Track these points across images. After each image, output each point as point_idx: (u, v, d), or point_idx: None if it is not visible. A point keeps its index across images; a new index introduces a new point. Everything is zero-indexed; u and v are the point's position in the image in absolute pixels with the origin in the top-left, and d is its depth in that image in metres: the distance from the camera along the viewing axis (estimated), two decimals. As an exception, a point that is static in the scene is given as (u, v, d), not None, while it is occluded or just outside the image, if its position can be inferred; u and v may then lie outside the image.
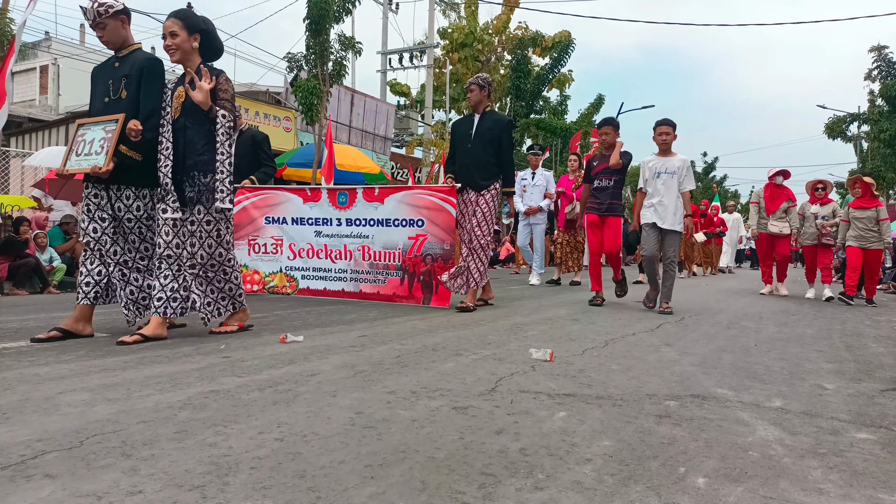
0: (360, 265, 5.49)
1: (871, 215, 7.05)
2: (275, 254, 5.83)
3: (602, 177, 5.75)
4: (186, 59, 3.38)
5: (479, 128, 5.15)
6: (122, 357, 2.76)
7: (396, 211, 5.34)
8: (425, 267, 5.20)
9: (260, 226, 5.84)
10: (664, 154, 5.36)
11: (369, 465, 1.50)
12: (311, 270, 5.72)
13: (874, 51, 19.76)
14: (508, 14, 21.03)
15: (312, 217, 5.70)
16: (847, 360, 3.19)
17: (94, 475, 1.40)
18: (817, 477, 1.51)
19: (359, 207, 5.50)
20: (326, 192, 5.68)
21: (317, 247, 5.68)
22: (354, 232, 5.54)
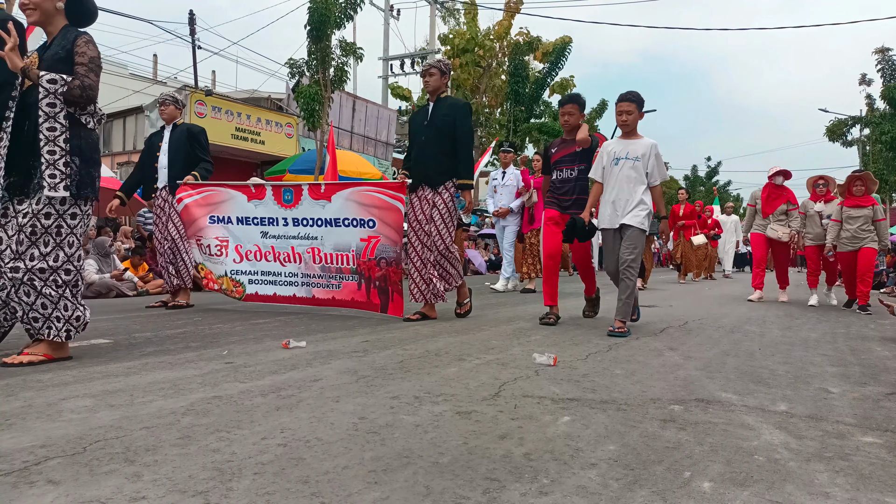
0: (311, 268, 4.98)
1: (867, 214, 6.48)
2: (219, 256, 5.28)
3: (564, 165, 4.63)
4: (48, 21, 2.87)
5: (433, 116, 4.58)
6: (125, 363, 2.76)
7: (345, 210, 4.82)
8: (380, 272, 4.68)
9: (204, 226, 5.31)
10: (627, 136, 4.25)
11: (373, 470, 1.49)
12: (260, 274, 5.18)
13: (878, 52, 19.79)
14: (510, 20, 21.08)
15: (258, 216, 5.15)
16: (852, 364, 3.17)
17: (98, 481, 1.39)
18: (823, 481, 1.50)
19: (305, 206, 4.96)
20: (271, 190, 5.12)
21: (264, 248, 5.14)
22: (302, 233, 5.01)
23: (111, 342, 3.37)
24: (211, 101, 13.87)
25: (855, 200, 6.55)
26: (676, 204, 12.13)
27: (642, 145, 4.17)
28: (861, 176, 6.71)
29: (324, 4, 11.77)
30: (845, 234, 6.53)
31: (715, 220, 13.83)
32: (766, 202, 7.51)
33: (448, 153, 4.52)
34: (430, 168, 4.55)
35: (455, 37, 20.63)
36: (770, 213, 7.45)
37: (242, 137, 14.72)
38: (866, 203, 6.52)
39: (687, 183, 39.99)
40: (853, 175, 6.74)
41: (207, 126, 13.53)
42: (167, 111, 5.39)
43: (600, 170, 4.28)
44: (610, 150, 4.26)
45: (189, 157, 5.29)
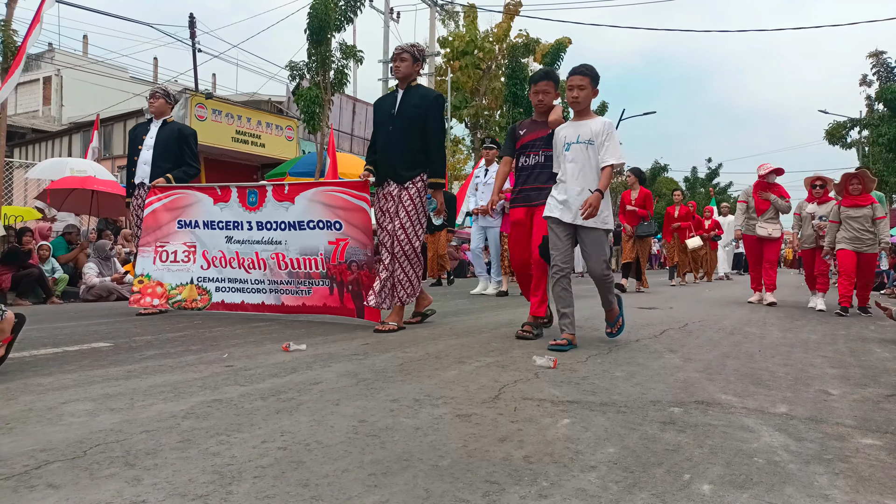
0: (278, 275, 4.71)
1: (867, 213, 6.17)
2: (186, 262, 4.98)
3: (531, 150, 3.94)
4: None
5: (402, 106, 4.18)
6: (125, 367, 2.76)
7: (309, 211, 4.58)
8: (352, 275, 4.44)
9: (171, 231, 5.03)
10: (579, 117, 3.62)
11: (373, 473, 1.49)
12: (227, 281, 4.89)
13: (872, 56, 19.81)
14: (509, 22, 21.13)
15: (223, 220, 4.90)
16: (852, 366, 3.17)
17: (98, 485, 1.39)
18: (823, 483, 1.50)
19: (269, 208, 4.72)
20: (236, 191, 4.86)
21: (228, 255, 4.88)
22: (266, 237, 4.75)
23: (111, 346, 3.37)
24: (211, 104, 13.88)
25: (853, 200, 6.26)
26: (671, 205, 11.92)
27: (595, 125, 3.54)
28: (857, 174, 6.39)
29: (323, 8, 11.79)
30: (846, 234, 6.24)
31: (715, 221, 13.59)
32: (758, 200, 7.29)
33: (417, 148, 4.16)
34: (397, 162, 4.18)
35: (454, 39, 20.66)
36: (763, 212, 7.23)
37: (243, 140, 14.74)
38: (865, 202, 6.22)
39: (687, 184, 40.01)
40: (848, 173, 6.42)
41: (208, 129, 13.54)
42: (156, 104, 5.18)
43: (558, 159, 3.67)
44: (561, 135, 3.63)
45: (177, 159, 5.11)
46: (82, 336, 3.69)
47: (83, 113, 17.57)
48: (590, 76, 3.56)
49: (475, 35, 21.02)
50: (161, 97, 5.21)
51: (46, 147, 15.42)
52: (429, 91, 4.30)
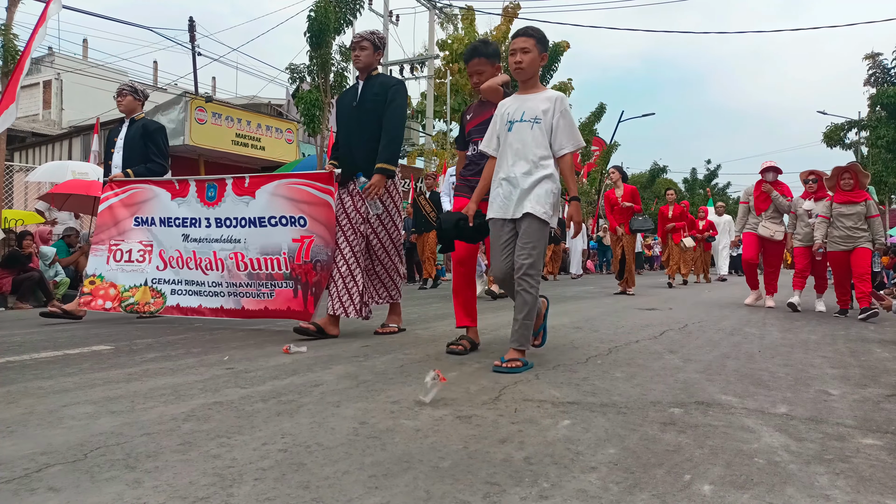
0: (237, 276, 4.33)
1: (860, 211, 5.81)
2: (141, 262, 4.64)
3: (478, 137, 3.33)
4: None
5: (363, 97, 3.90)
6: (126, 370, 2.76)
7: (271, 206, 4.24)
8: (316, 276, 4.05)
9: (126, 228, 4.71)
10: (525, 89, 3.04)
11: (373, 475, 1.49)
12: (183, 284, 4.51)
13: (868, 58, 19.84)
14: (507, 24, 21.16)
15: (180, 217, 4.54)
16: (852, 366, 3.17)
17: (98, 488, 1.39)
18: (824, 483, 1.50)
19: (228, 204, 4.37)
20: (195, 185, 4.51)
21: (185, 254, 4.51)
22: (224, 235, 4.37)
23: (112, 348, 3.37)
24: (211, 107, 13.90)
25: (845, 196, 5.89)
26: (665, 205, 11.62)
27: (543, 99, 2.95)
28: (848, 168, 6.00)
29: (323, 11, 11.82)
30: (837, 232, 5.89)
31: (710, 222, 13.28)
32: (758, 199, 7.03)
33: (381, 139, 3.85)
34: (359, 158, 3.87)
35: (453, 42, 20.69)
36: (763, 211, 6.97)
37: (243, 143, 14.76)
38: (858, 198, 5.85)
39: (686, 186, 40.01)
40: (839, 167, 6.04)
41: (208, 132, 13.56)
42: (124, 102, 4.93)
43: (494, 139, 3.06)
44: (504, 110, 3.06)
45: (144, 158, 4.85)
46: (83, 339, 3.69)
47: (83, 116, 17.60)
48: (535, 37, 3.00)
49: (474, 37, 21.05)
50: (128, 94, 4.95)
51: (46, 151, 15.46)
52: (389, 78, 4.06)
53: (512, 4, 20.27)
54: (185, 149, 12.91)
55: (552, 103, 2.94)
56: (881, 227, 5.87)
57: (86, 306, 4.66)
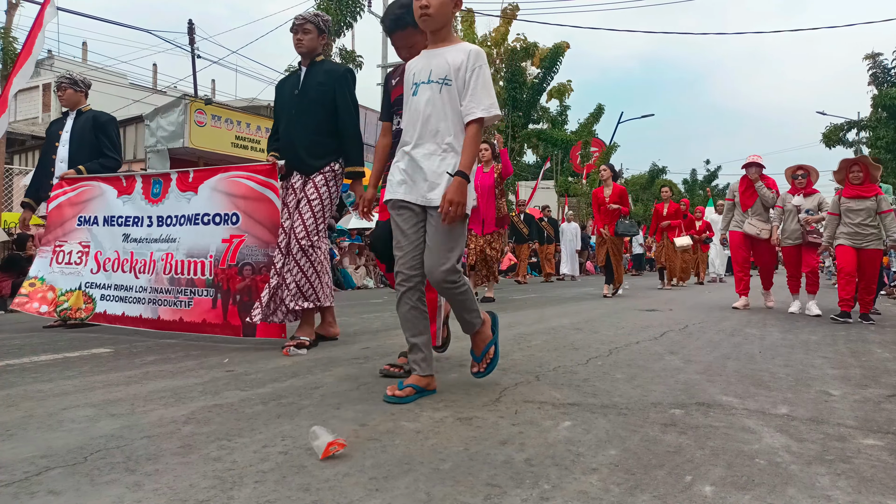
0: (160, 281, 3.91)
1: (870, 206, 5.42)
2: (78, 265, 4.30)
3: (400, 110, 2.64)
4: None
5: (305, 85, 3.53)
6: (126, 372, 2.76)
7: (210, 203, 3.83)
8: (243, 282, 3.62)
9: (70, 228, 4.40)
10: (434, 42, 2.40)
11: (374, 477, 1.49)
12: (113, 288, 4.12)
13: (868, 58, 19.87)
14: (506, 26, 21.19)
15: (123, 215, 4.19)
16: (852, 366, 3.17)
17: (98, 491, 1.39)
18: (825, 484, 1.50)
19: (171, 201, 3.99)
20: (141, 181, 4.15)
21: (123, 255, 4.12)
22: (164, 234, 3.98)
23: (112, 351, 3.37)
24: (211, 109, 13.90)
25: (855, 190, 5.49)
26: (660, 202, 11.31)
27: (455, 56, 2.32)
28: (858, 160, 5.66)
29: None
30: (846, 228, 5.51)
31: (706, 223, 12.92)
32: (743, 195, 6.75)
33: (326, 131, 3.52)
34: (301, 150, 3.52)
35: (453, 44, 20.64)
36: (749, 207, 6.66)
37: (243, 146, 14.76)
38: (868, 193, 5.45)
39: (686, 187, 40.02)
40: (848, 159, 5.71)
41: (207, 135, 13.56)
42: (65, 96, 4.62)
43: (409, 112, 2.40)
44: (410, 70, 2.44)
45: (95, 151, 4.55)
46: (83, 342, 3.69)
47: (83, 119, 17.66)
48: None
49: (473, 39, 21.07)
50: (67, 87, 4.61)
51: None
52: (336, 66, 3.69)
53: (510, 6, 20.30)
54: (184, 151, 12.91)
55: (466, 60, 2.30)
56: (893, 223, 5.43)
57: (19, 307, 4.44)
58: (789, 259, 6.44)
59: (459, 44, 2.39)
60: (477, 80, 2.29)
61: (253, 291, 3.58)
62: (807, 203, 6.17)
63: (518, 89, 20.27)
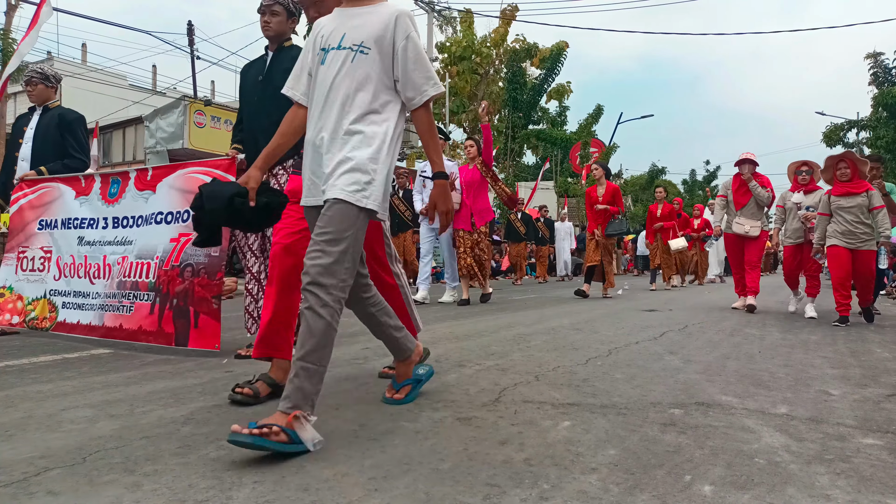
0: (112, 285, 3.69)
1: (861, 203, 5.19)
2: (41, 271, 4.07)
3: None
4: None
5: (271, 71, 3.20)
6: (125, 373, 2.76)
7: (167, 201, 3.56)
8: (182, 285, 3.33)
9: (32, 232, 4.15)
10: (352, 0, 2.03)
11: (373, 477, 1.49)
12: (72, 295, 3.89)
13: (870, 58, 19.90)
14: (506, 27, 21.21)
15: (79, 217, 3.96)
16: (852, 366, 3.17)
17: (97, 491, 1.39)
18: (824, 483, 1.50)
19: (128, 200, 3.73)
20: (99, 181, 3.90)
21: (77, 259, 3.90)
22: (119, 237, 3.72)
23: (111, 352, 3.37)
24: (210, 110, 13.91)
25: (844, 187, 5.29)
26: (654, 203, 11.05)
27: (376, 18, 1.94)
28: (844, 156, 5.43)
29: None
30: (839, 227, 5.27)
31: (705, 220, 12.51)
32: (736, 193, 6.54)
33: None
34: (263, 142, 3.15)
35: (452, 45, 20.73)
36: (743, 206, 6.45)
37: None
38: (858, 189, 5.23)
39: (686, 187, 40.03)
40: (833, 156, 5.48)
41: (207, 136, 13.57)
42: (35, 91, 4.39)
43: (303, 77, 2.05)
44: (317, 32, 2.03)
45: (59, 151, 4.30)
46: (82, 343, 3.69)
47: (82, 121, 17.68)
48: None
49: (472, 40, 21.10)
50: (38, 82, 4.38)
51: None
52: None
53: (510, 7, 20.32)
54: (184, 152, 12.91)
55: (391, 22, 1.91)
56: (886, 220, 5.23)
57: None
58: (789, 258, 6.24)
59: (381, 3, 1.99)
60: (411, 54, 1.91)
61: (190, 296, 3.28)
62: (808, 200, 5.94)
63: (519, 90, 20.28)
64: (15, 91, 18.17)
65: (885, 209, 5.27)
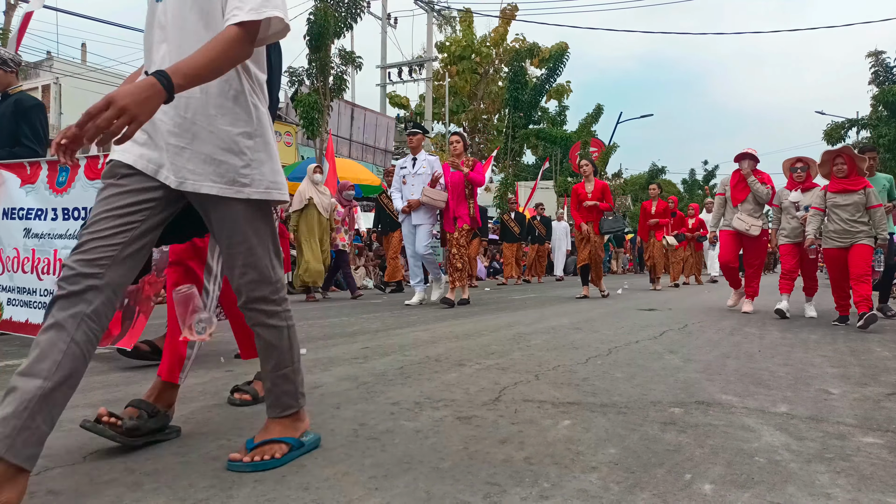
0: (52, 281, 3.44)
1: (858, 200, 4.94)
2: None
3: None
4: None
5: None
6: (125, 373, 2.76)
7: None
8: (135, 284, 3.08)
9: None
10: None
11: (373, 476, 1.49)
12: (17, 291, 3.63)
13: (871, 56, 19.89)
14: (506, 26, 21.21)
15: (25, 207, 3.69)
16: (852, 365, 3.17)
17: (98, 491, 1.39)
18: (825, 482, 1.50)
19: (78, 190, 3.48)
20: (47, 168, 3.61)
21: (23, 253, 3.63)
22: (71, 229, 3.46)
23: (110, 351, 3.37)
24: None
25: (840, 184, 5.05)
26: (647, 200, 10.82)
27: None
28: (842, 151, 5.18)
29: (323, 15, 11.85)
30: (833, 226, 5.06)
31: (700, 220, 12.40)
32: (735, 188, 6.32)
33: None
34: None
35: (452, 44, 20.72)
36: (741, 202, 6.24)
37: (241, 146, 14.79)
38: (856, 186, 4.98)
39: (685, 187, 40.04)
40: (830, 151, 5.25)
41: (206, 135, 13.59)
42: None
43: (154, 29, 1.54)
44: None
45: (12, 139, 4.05)
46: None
47: (82, 121, 17.65)
48: None
49: (472, 40, 21.10)
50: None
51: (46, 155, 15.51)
52: None
53: (509, 6, 20.32)
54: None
55: None
56: (884, 219, 4.96)
57: None
58: (787, 256, 5.84)
59: None
60: None
61: (139, 295, 3.05)
62: (805, 199, 5.59)
63: (520, 90, 20.26)
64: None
65: (883, 208, 5.02)
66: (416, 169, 6.55)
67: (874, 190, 5.04)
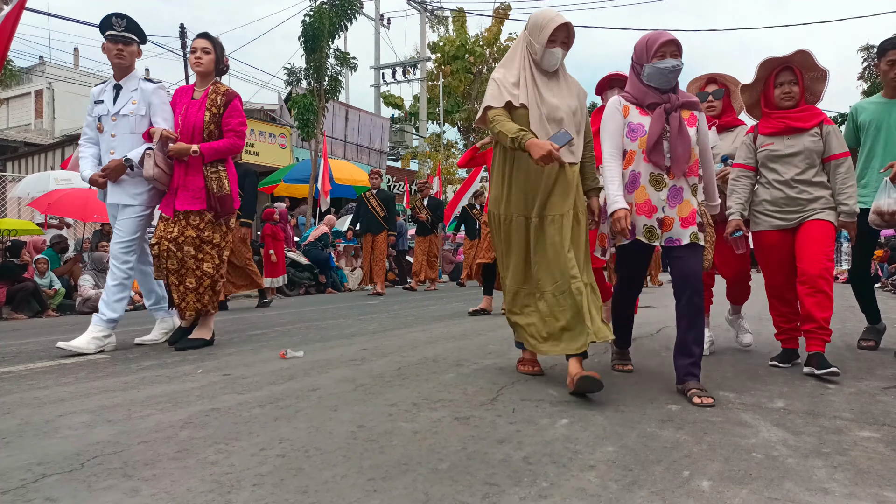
0: None
1: (811, 146, 2.81)
2: None
3: None
4: None
5: None
6: (122, 378, 2.75)
7: None
8: None
9: None
10: None
11: (372, 478, 1.49)
12: None
13: (863, 50, 19.98)
14: (499, 25, 21.23)
15: None
16: (848, 359, 3.18)
17: (96, 497, 1.39)
18: (822, 476, 1.50)
19: None
20: None
21: None
22: None
23: (108, 357, 3.36)
24: (203, 113, 13.89)
25: (782, 120, 2.87)
26: None
27: None
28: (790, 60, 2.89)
29: (318, 16, 11.84)
30: (769, 195, 2.92)
31: None
32: None
33: None
34: None
35: (445, 44, 20.72)
36: None
37: (236, 149, 14.76)
38: (807, 123, 2.84)
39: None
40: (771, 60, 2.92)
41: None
42: None
43: None
44: None
45: None
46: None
47: (76, 125, 17.56)
48: None
49: (465, 39, 21.11)
50: None
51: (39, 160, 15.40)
52: None
53: (503, 5, 20.33)
54: (178, 155, 12.87)
55: None
56: (852, 177, 2.84)
57: None
58: None
59: None
60: None
61: None
62: (724, 144, 3.30)
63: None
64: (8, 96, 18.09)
65: (850, 159, 2.86)
66: (118, 106, 3.76)
67: (836, 128, 2.88)
